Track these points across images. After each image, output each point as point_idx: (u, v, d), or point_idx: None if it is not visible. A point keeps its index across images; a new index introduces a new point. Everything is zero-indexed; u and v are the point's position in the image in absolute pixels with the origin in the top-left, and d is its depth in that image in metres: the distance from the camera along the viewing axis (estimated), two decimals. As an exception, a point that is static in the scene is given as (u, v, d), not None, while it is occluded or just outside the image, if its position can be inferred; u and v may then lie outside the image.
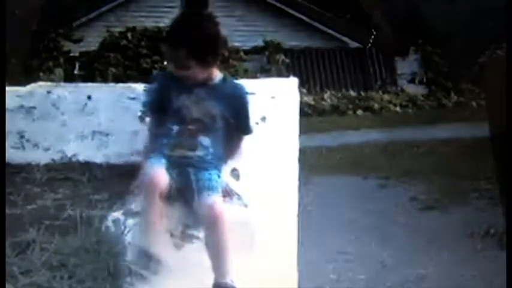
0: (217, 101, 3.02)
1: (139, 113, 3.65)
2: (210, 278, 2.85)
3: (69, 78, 19.34)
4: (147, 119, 3.33)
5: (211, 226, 2.84)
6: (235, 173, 3.21)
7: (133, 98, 3.81)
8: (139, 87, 3.83)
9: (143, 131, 3.36)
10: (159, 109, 3.13)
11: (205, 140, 3.01)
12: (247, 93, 3.12)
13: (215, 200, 2.89)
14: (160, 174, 2.92)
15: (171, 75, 3.09)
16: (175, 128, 3.02)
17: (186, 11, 3.18)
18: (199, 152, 3.00)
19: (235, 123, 3.07)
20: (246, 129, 3.13)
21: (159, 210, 2.90)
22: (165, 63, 3.37)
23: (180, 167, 2.99)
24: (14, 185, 3.47)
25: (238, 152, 3.19)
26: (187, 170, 2.98)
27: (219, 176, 3.02)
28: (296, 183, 3.59)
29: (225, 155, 3.11)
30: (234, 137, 3.13)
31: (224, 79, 3.08)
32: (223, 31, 3.08)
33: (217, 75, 3.07)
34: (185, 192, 2.98)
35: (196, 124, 3.01)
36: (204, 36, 2.97)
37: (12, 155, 3.73)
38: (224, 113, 3.02)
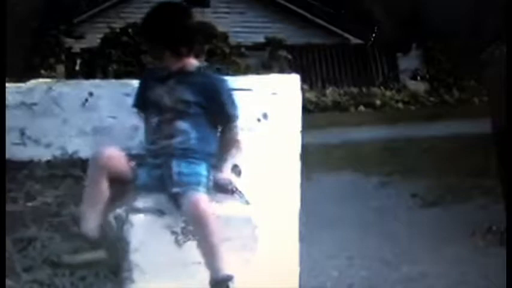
0: (189, 87, 3.01)
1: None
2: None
3: (70, 74, 19.33)
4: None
5: (197, 224, 2.82)
6: (236, 170, 3.20)
7: (134, 95, 3.80)
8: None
9: (143, 127, 3.36)
10: (142, 104, 3.16)
11: (182, 125, 2.99)
12: (222, 80, 3.11)
13: (199, 197, 2.85)
14: (111, 155, 2.94)
15: (151, 70, 3.14)
16: (155, 119, 3.04)
17: (159, 3, 3.17)
18: (179, 138, 2.99)
19: (212, 109, 3.04)
20: (224, 117, 3.09)
21: (99, 189, 2.92)
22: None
23: (162, 158, 2.99)
24: (15, 181, 3.47)
25: (236, 147, 3.17)
26: (170, 160, 2.97)
27: (208, 170, 2.99)
28: (298, 180, 3.58)
29: (221, 148, 3.09)
30: (225, 130, 3.11)
31: (199, 68, 3.09)
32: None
33: (193, 64, 3.07)
34: (166, 185, 2.98)
35: (171, 112, 3.00)
36: (175, 28, 2.98)
37: (13, 151, 3.72)
38: (198, 99, 3.00)
